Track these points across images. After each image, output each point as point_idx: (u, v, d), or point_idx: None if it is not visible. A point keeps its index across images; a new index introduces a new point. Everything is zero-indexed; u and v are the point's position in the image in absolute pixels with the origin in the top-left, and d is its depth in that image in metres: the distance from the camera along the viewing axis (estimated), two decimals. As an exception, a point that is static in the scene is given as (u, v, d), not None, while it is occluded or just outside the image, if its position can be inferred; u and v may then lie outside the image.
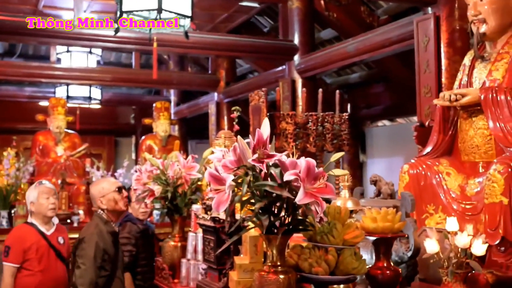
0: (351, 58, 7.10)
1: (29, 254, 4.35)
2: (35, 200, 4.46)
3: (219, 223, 2.87)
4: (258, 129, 2.32)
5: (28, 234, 4.43)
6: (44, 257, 4.41)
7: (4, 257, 4.35)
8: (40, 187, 4.55)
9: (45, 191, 4.49)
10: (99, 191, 4.02)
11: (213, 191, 2.29)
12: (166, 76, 10.66)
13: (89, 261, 3.73)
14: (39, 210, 4.46)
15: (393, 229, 2.59)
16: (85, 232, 3.94)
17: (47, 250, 4.44)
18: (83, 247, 3.80)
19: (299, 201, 2.18)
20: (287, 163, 2.30)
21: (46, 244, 4.44)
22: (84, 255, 3.76)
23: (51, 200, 4.47)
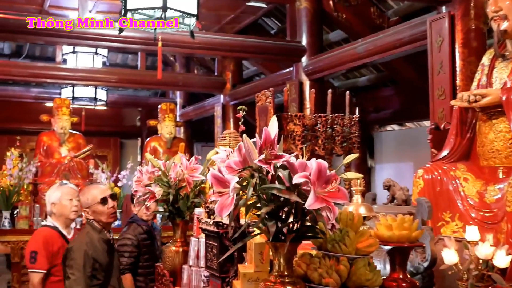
0: (361, 60, 6.93)
1: (57, 258, 4.13)
2: (57, 201, 4.28)
3: (222, 228, 2.69)
4: (265, 128, 2.15)
5: (54, 237, 4.24)
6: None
7: (31, 263, 4.14)
8: (63, 188, 4.39)
9: (68, 193, 4.33)
10: (84, 201, 3.94)
11: (216, 194, 2.12)
12: (172, 78, 10.53)
13: (79, 271, 3.60)
14: (61, 211, 4.27)
15: (410, 238, 2.40)
16: (75, 241, 3.82)
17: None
18: (72, 257, 3.67)
19: (309, 206, 2.00)
20: (296, 164, 2.13)
21: (65, 243, 4.24)
22: (73, 264, 3.63)
23: (74, 202, 4.30)
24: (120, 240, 4.86)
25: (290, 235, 2.14)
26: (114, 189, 7.17)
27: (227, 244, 2.69)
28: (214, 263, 2.75)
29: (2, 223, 6.74)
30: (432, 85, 5.48)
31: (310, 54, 7.94)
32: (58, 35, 7.02)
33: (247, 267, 2.44)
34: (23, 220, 6.80)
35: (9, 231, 6.70)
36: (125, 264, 4.72)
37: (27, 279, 6.72)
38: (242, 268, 2.42)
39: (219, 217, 2.11)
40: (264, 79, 9.88)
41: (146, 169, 3.28)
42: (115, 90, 14.13)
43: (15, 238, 6.66)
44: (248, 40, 8.17)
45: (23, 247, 6.66)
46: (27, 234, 6.70)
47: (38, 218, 6.93)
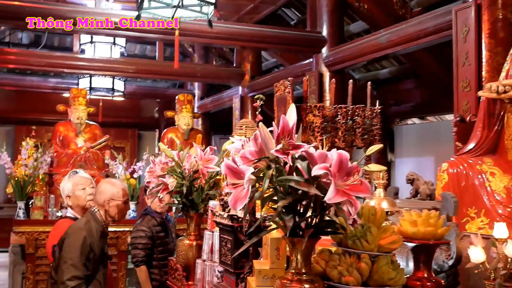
0: (383, 50, 6.75)
1: None
2: (71, 192, 4.15)
3: (237, 221, 2.56)
4: (283, 116, 2.02)
5: None
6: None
7: (53, 257, 3.96)
8: (74, 178, 4.23)
9: (80, 182, 4.17)
10: (113, 192, 3.74)
11: (230, 185, 1.99)
12: (190, 69, 10.42)
13: (77, 256, 3.44)
14: (76, 203, 4.13)
15: (435, 235, 2.26)
16: (72, 227, 3.64)
17: None
18: (70, 243, 3.49)
19: (329, 199, 1.87)
20: (316, 155, 1.99)
21: None
22: (71, 250, 3.46)
23: (88, 191, 4.13)
24: (134, 232, 4.77)
25: (309, 230, 2.01)
26: (130, 180, 7.09)
27: (242, 239, 2.56)
28: (229, 258, 2.63)
29: (17, 213, 6.67)
30: (456, 76, 5.30)
31: (331, 45, 7.78)
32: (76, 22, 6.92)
33: (263, 263, 2.31)
34: (38, 210, 6.73)
35: (24, 222, 6.64)
36: (139, 256, 4.64)
37: (41, 270, 6.71)
38: (258, 264, 2.30)
39: (233, 210, 1.98)
40: (283, 70, 9.72)
41: (159, 159, 3.17)
42: (133, 81, 14.09)
43: (29, 228, 6.60)
44: (268, 30, 8.02)
45: (37, 238, 6.62)
46: (42, 224, 6.66)
47: (53, 208, 6.87)
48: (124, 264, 6.72)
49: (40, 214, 6.75)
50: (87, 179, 4.24)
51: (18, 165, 6.86)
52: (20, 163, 6.84)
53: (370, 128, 4.42)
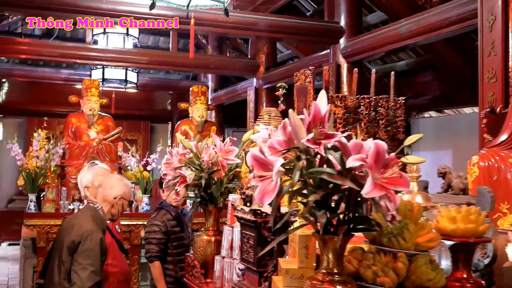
0: (404, 41, 6.55)
1: None
2: (90, 184, 4.03)
3: (261, 217, 2.40)
4: (315, 102, 1.86)
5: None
6: (111, 249, 3.99)
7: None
8: (94, 169, 4.15)
9: (99, 173, 4.05)
10: (125, 191, 3.62)
11: (257, 178, 1.83)
12: (204, 60, 10.25)
13: (97, 261, 3.25)
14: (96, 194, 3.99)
15: (476, 232, 2.09)
16: (83, 227, 3.37)
17: (111, 240, 4.05)
18: (89, 247, 3.25)
19: (367, 193, 1.71)
20: (350, 145, 1.83)
21: (109, 234, 4.02)
22: (91, 255, 3.24)
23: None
24: (148, 226, 4.63)
25: (342, 227, 1.85)
26: (143, 173, 6.95)
27: (265, 235, 2.40)
28: (251, 256, 2.47)
29: (28, 206, 6.54)
30: (481, 67, 5.10)
31: (349, 35, 7.60)
32: (87, 12, 6.78)
33: (290, 262, 2.15)
34: (49, 203, 6.60)
35: (35, 215, 6.51)
36: (153, 251, 4.50)
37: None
38: (284, 263, 2.14)
39: (259, 204, 1.82)
40: (300, 62, 9.53)
41: (176, 150, 3.01)
42: (146, 73, 13.97)
43: (41, 222, 6.47)
44: (285, 20, 7.84)
45: (49, 231, 6.50)
46: (54, 218, 6.54)
47: (65, 201, 6.74)
48: (137, 259, 6.58)
49: (51, 207, 6.62)
50: (106, 170, 4.17)
51: (29, 157, 6.73)
52: (32, 155, 6.71)
53: (393, 119, 4.25)
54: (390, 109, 4.24)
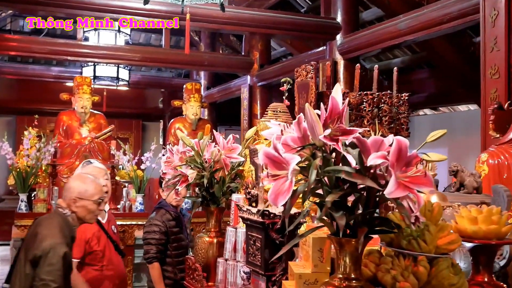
0: (402, 37, 6.44)
1: (91, 246, 3.83)
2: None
3: (269, 218, 2.28)
4: (332, 96, 1.74)
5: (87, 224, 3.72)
6: (107, 249, 3.91)
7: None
8: (87, 168, 3.93)
9: (94, 173, 3.79)
10: (80, 191, 3.25)
11: (270, 177, 1.71)
12: (197, 57, 10.09)
13: (59, 277, 2.97)
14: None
15: (499, 234, 1.98)
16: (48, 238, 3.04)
17: (107, 241, 3.94)
18: (51, 261, 2.94)
19: (390, 194, 1.59)
20: (369, 142, 1.72)
21: (105, 235, 3.93)
22: (53, 272, 2.94)
23: (102, 182, 3.71)
24: (147, 226, 4.48)
25: (362, 228, 1.73)
26: (137, 172, 6.81)
27: (274, 237, 2.28)
28: (258, 259, 2.34)
29: (19, 206, 6.38)
30: (484, 63, 5.00)
31: (345, 32, 7.48)
32: (80, 7, 6.63)
33: (302, 265, 2.03)
34: (41, 203, 6.45)
35: (26, 215, 6.34)
36: (152, 252, 4.36)
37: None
38: (296, 267, 2.01)
39: (274, 206, 1.70)
40: (295, 59, 9.39)
41: (177, 148, 2.87)
42: (138, 71, 13.82)
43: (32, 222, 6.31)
44: (280, 16, 7.71)
45: (41, 231, 6.34)
46: (46, 218, 6.38)
47: (56, 201, 6.58)
48: (131, 260, 6.44)
49: (43, 207, 6.47)
50: (101, 170, 3.97)
51: (20, 156, 6.57)
52: (22, 154, 6.55)
53: (396, 116, 4.15)
54: (394, 106, 4.13)
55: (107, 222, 4.02)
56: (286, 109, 3.08)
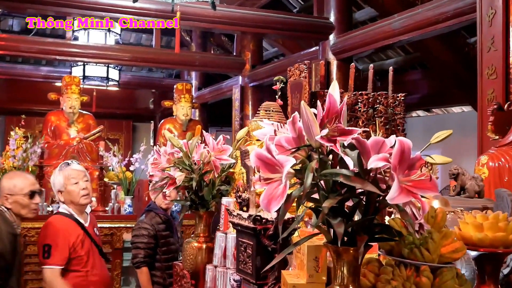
0: (397, 37, 6.32)
1: (76, 251, 3.65)
2: (62, 187, 3.73)
3: (261, 223, 2.15)
4: (330, 93, 1.61)
5: (69, 227, 3.67)
6: (90, 254, 3.76)
7: (44, 258, 3.57)
8: (65, 170, 3.78)
9: (72, 175, 3.75)
10: (9, 187, 3.44)
11: (263, 181, 1.58)
12: (188, 57, 9.95)
13: None
14: (69, 199, 3.74)
15: (506, 242, 1.85)
16: None
17: (90, 245, 3.78)
18: None
19: (392, 199, 1.46)
20: (369, 143, 1.59)
21: (89, 238, 3.77)
22: None
23: (81, 185, 3.73)
24: (136, 230, 4.35)
25: (362, 237, 1.60)
26: (126, 173, 6.66)
27: (266, 244, 2.15)
28: (249, 267, 2.21)
29: (5, 208, 6.23)
30: (480, 63, 4.88)
31: (339, 31, 7.37)
32: (69, 5, 6.49)
33: (296, 275, 1.89)
34: (27, 205, 6.28)
35: (12, 217, 6.20)
36: (140, 256, 4.23)
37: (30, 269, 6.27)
38: (290, 277, 1.88)
39: (267, 211, 1.57)
40: (287, 59, 9.27)
41: (164, 149, 2.74)
42: (128, 71, 13.68)
43: (18, 224, 6.17)
44: (273, 15, 7.58)
45: (26, 234, 6.18)
46: (31, 220, 6.21)
47: (43, 203, 6.43)
48: (119, 263, 6.28)
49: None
50: (80, 172, 3.83)
51: (6, 157, 6.41)
52: (8, 155, 6.39)
53: (392, 117, 4.05)
54: (389, 106, 4.03)
55: (90, 225, 3.87)
56: (279, 109, 2.95)
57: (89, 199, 3.85)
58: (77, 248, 3.65)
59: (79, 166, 3.95)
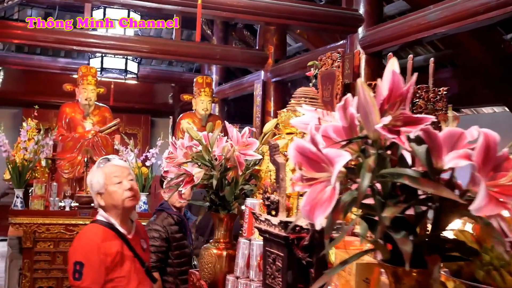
0: (432, 30, 5.90)
1: (114, 271, 2.86)
2: (102, 188, 2.95)
3: (294, 232, 1.80)
4: (394, 70, 1.26)
5: (107, 238, 2.89)
6: (132, 274, 2.93)
7: (75, 279, 2.79)
8: (105, 167, 3.01)
9: (114, 173, 2.97)
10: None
11: (304, 182, 1.23)
12: (209, 50, 9.58)
13: None
14: (111, 203, 2.95)
15: None
16: None
17: (133, 263, 2.97)
18: None
19: (478, 210, 1.11)
20: (442, 135, 1.24)
21: (131, 254, 2.97)
22: None
23: (125, 185, 2.95)
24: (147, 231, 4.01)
25: (433, 256, 1.25)
26: (141, 169, 6.36)
27: (299, 256, 1.80)
28: (278, 282, 1.87)
29: (14, 202, 5.94)
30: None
31: (368, 24, 6.98)
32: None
33: (340, 299, 1.54)
34: (38, 200, 6.00)
35: (22, 212, 5.92)
36: (151, 261, 3.89)
37: (40, 267, 5.98)
38: (332, 300, 1.53)
39: (309, 220, 1.21)
40: (313, 53, 8.85)
41: (181, 142, 2.40)
42: (147, 65, 13.40)
43: (27, 220, 5.88)
44: (299, 5, 7.18)
45: (36, 230, 5.91)
46: (42, 216, 5.96)
47: (55, 198, 6.14)
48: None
49: (40, 203, 6.02)
50: (123, 168, 3.05)
51: (17, 149, 6.13)
52: (20, 147, 6.11)
53: (432, 113, 3.67)
54: (430, 101, 3.66)
55: (135, 235, 3.09)
56: (317, 95, 2.59)
57: (136, 201, 3.07)
58: (116, 268, 2.88)
59: (122, 162, 3.24)
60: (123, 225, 2.99)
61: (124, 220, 3.01)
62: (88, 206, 6.35)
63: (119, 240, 2.93)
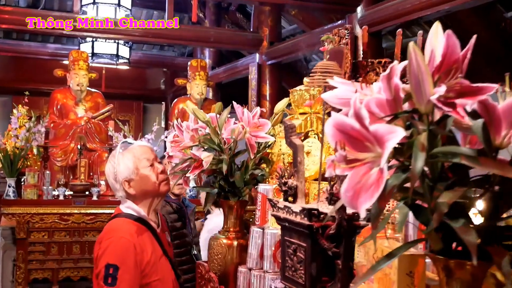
0: (436, 7, 5.70)
1: (149, 275, 2.42)
2: (133, 174, 2.47)
3: (318, 219, 1.63)
4: (449, 33, 1.10)
5: (142, 236, 2.46)
6: (166, 275, 2.52)
7: (107, 284, 2.32)
8: (132, 150, 2.51)
9: (143, 154, 2.49)
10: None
11: (346, 164, 1.06)
12: (202, 33, 9.37)
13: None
14: (144, 189, 2.48)
15: None
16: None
17: (165, 261, 2.56)
18: None
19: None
20: (501, 108, 1.08)
21: (162, 251, 2.55)
22: None
23: (158, 167, 2.48)
24: None
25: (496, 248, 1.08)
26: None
27: (325, 246, 1.63)
28: (300, 275, 1.70)
29: (6, 192, 5.75)
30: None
31: (367, 3, 6.78)
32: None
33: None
34: (31, 189, 5.81)
35: (14, 202, 5.73)
36: None
37: (34, 257, 5.81)
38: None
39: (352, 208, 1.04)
40: (309, 34, 8.65)
41: (187, 124, 2.22)
42: (139, 49, 13.15)
43: (20, 210, 5.69)
44: (295, -16, 6.99)
45: (30, 220, 5.73)
46: (36, 205, 5.78)
47: (48, 187, 5.95)
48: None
49: (33, 193, 5.83)
50: (148, 148, 2.56)
51: (8, 137, 5.93)
52: (10, 134, 5.90)
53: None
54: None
55: (162, 229, 2.68)
56: (339, 70, 2.42)
57: (169, 185, 2.58)
58: (151, 271, 2.44)
59: (145, 142, 2.89)
60: (151, 217, 2.58)
61: (153, 212, 2.59)
62: (83, 194, 6.18)
63: (152, 237, 2.54)
